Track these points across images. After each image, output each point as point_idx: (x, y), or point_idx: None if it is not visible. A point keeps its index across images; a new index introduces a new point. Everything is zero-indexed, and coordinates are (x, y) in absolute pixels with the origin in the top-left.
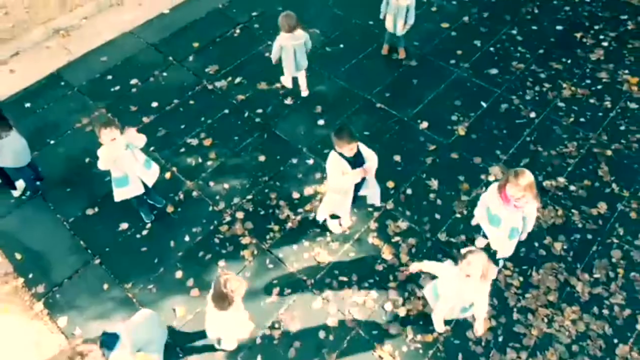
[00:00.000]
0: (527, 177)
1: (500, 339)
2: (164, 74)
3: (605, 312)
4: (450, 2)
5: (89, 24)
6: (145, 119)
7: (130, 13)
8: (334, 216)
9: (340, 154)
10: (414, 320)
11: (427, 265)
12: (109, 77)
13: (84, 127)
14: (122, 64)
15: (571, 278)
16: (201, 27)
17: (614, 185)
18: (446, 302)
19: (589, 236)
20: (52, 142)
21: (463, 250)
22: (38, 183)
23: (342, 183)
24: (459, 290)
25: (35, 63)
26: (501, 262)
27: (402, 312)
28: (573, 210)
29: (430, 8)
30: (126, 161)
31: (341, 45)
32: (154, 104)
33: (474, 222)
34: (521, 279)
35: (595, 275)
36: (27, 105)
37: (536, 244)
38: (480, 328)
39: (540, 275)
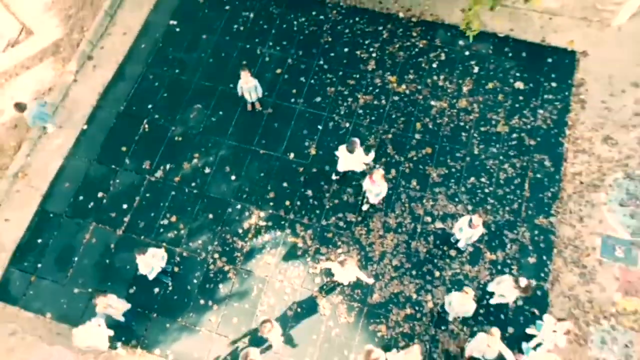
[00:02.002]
0: (381, 171)
1: (363, 263)
2: (117, 180)
3: (404, 229)
4: (275, 48)
5: (34, 159)
6: (125, 219)
7: (58, 137)
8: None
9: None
10: (327, 272)
11: (328, 264)
12: (81, 197)
13: (90, 240)
14: (83, 183)
15: (386, 218)
16: (119, 132)
17: (396, 156)
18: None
19: (390, 192)
20: (75, 259)
21: (341, 259)
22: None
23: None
24: (343, 275)
25: (19, 208)
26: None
27: (317, 270)
28: None
29: (264, 59)
30: (151, 262)
31: (220, 113)
32: (125, 206)
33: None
34: (366, 229)
35: (396, 212)
36: (39, 241)
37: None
38: (368, 282)
39: (374, 222)
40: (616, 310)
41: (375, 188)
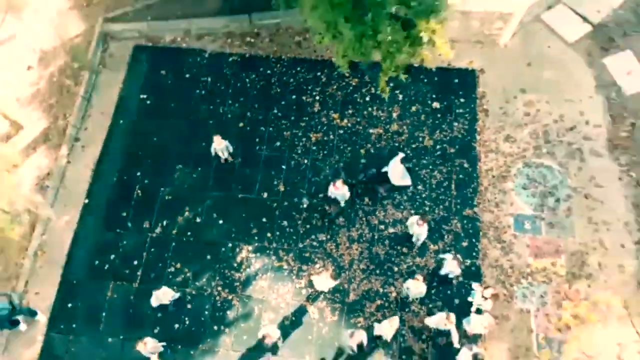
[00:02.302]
0: (342, 180)
1: (337, 271)
2: (124, 242)
3: (365, 238)
4: (235, 105)
5: (49, 237)
6: (138, 273)
7: (66, 215)
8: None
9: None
10: (310, 284)
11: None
12: (96, 262)
13: (112, 296)
14: (95, 250)
15: (349, 232)
16: (119, 198)
17: (349, 180)
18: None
19: (349, 210)
20: (103, 314)
21: (318, 271)
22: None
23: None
24: (322, 283)
25: (45, 281)
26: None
27: (303, 283)
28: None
29: (227, 116)
30: (162, 297)
31: (199, 169)
32: (135, 262)
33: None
34: (335, 244)
35: (357, 226)
36: (69, 305)
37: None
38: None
39: (340, 237)
40: (530, 270)
41: (339, 192)
